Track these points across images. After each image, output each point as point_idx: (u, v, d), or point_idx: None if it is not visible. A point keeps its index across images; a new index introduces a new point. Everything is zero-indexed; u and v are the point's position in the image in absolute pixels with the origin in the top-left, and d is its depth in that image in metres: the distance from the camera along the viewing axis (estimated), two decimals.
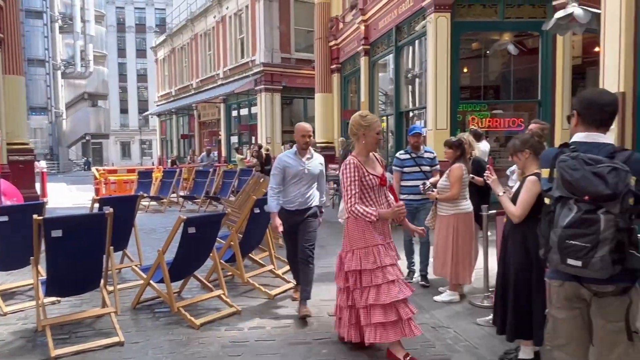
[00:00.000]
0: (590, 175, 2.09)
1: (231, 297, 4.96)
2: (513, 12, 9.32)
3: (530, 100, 10.11)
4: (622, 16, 4.98)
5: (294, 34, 20.62)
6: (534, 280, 3.33)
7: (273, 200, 4.57)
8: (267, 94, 20.22)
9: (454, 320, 4.41)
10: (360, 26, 13.15)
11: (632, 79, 5.00)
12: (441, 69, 9.08)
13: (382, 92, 13.73)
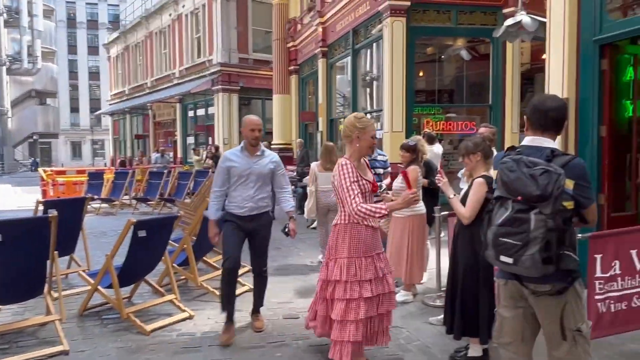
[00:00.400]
0: (524, 177, 2.16)
1: (184, 302, 4.84)
2: (466, 19, 9.59)
3: (482, 104, 10.42)
4: (566, 25, 5.21)
5: (251, 34, 20.46)
6: (481, 279, 3.43)
7: (213, 204, 4.09)
8: (225, 94, 19.96)
9: (407, 320, 4.47)
10: (318, 28, 13.19)
11: (574, 86, 5.24)
12: (397, 73, 9.23)
13: (340, 94, 13.82)
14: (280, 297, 5.16)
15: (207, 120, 21.96)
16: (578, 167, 2.24)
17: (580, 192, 2.22)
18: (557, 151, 2.30)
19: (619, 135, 5.32)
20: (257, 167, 4.08)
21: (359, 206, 3.07)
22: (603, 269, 3.46)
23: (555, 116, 2.36)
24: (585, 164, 2.29)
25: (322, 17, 12.93)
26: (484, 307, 3.40)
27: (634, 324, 3.62)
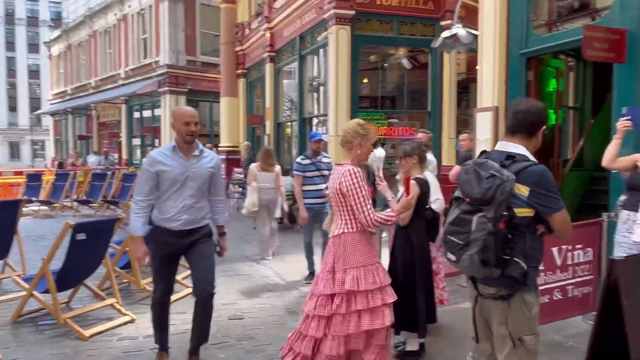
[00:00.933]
0: (474, 180, 2.16)
1: (126, 305, 4.67)
2: (407, 29, 9.84)
3: (421, 111, 10.73)
4: (496, 39, 5.47)
5: (199, 37, 20.04)
6: (417, 276, 3.52)
7: (138, 218, 3.20)
8: (172, 96, 19.43)
9: None
10: (266, 33, 13.11)
11: (504, 95, 5.50)
12: (342, 79, 9.33)
13: (287, 98, 13.79)
14: (225, 299, 5.07)
15: (153, 122, 21.28)
16: (535, 174, 2.12)
17: (537, 200, 2.11)
18: (519, 156, 2.20)
19: (543, 142, 5.61)
20: (196, 170, 3.26)
21: (375, 216, 2.93)
22: None
23: (522, 118, 2.25)
24: (545, 172, 2.14)
25: (270, 23, 12.87)
26: (421, 302, 3.50)
27: (555, 316, 3.85)
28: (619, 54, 4.13)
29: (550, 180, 2.15)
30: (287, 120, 13.42)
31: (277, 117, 13.41)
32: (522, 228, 2.13)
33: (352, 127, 3.09)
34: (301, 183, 5.64)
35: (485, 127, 5.57)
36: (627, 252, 3.46)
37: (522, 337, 2.23)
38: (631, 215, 3.51)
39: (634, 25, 4.09)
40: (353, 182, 2.89)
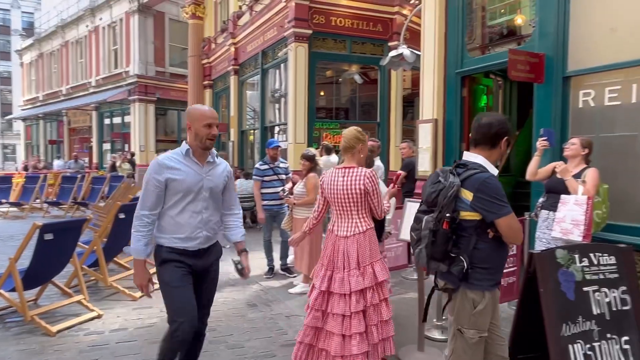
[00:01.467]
0: (428, 185, 2.25)
1: (93, 302, 4.47)
2: (358, 48, 9.97)
3: (371, 121, 10.89)
4: (435, 60, 5.63)
5: (168, 49, 19.55)
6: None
7: (139, 237, 2.44)
8: (141, 104, 18.84)
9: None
10: (231, 48, 12.97)
11: (442, 109, 5.66)
12: (300, 91, 9.34)
13: (251, 108, 13.67)
14: None
15: (123, 128, 20.56)
16: (478, 180, 2.11)
17: (479, 205, 2.09)
18: (472, 164, 2.19)
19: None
20: (211, 178, 2.58)
21: (384, 206, 3.08)
22: None
23: (484, 131, 2.22)
24: (489, 179, 2.11)
25: (234, 39, 12.73)
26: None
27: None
28: (538, 75, 4.35)
29: (493, 186, 2.10)
30: (250, 128, 13.30)
31: (241, 125, 13.27)
32: (470, 230, 2.12)
33: (353, 134, 3.08)
34: (260, 187, 5.60)
35: (426, 137, 5.71)
36: (545, 246, 3.65)
37: (462, 329, 2.23)
38: (550, 214, 3.70)
39: (550, 51, 4.32)
40: (374, 183, 2.94)
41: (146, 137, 19.07)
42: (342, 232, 2.97)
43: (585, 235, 3.31)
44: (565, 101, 4.24)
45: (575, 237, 3.33)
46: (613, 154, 4.06)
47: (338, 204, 3.00)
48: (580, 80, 4.19)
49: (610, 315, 2.97)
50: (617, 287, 3.05)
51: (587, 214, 3.32)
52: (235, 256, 2.89)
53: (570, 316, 2.66)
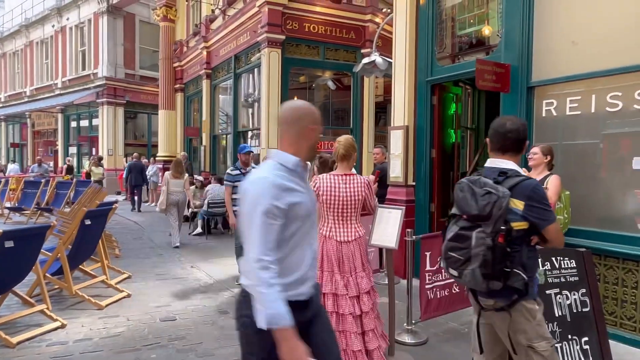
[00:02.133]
0: (469, 197, 2.06)
1: (57, 311, 4.33)
2: (332, 55, 10.06)
3: (344, 127, 10.98)
4: (406, 68, 5.74)
5: (138, 51, 19.18)
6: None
7: (277, 296, 1.61)
8: (110, 107, 18.40)
9: None
10: (203, 52, 12.84)
11: (413, 116, 5.77)
12: (273, 96, 9.33)
13: (223, 112, 13.55)
14: (158, 301, 4.87)
15: (90, 131, 20.01)
16: (527, 188, 2.04)
17: (531, 213, 2.03)
18: (511, 172, 2.12)
19: (445, 156, 5.97)
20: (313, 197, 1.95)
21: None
22: (431, 263, 3.85)
23: (514, 137, 2.16)
24: (537, 186, 2.06)
25: (207, 42, 12.61)
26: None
27: (454, 306, 4.07)
28: (504, 85, 4.50)
29: (542, 193, 2.07)
30: (223, 133, 13.17)
31: (213, 130, 13.14)
32: (519, 240, 2.03)
33: (350, 143, 3.24)
34: (231, 192, 5.56)
35: (397, 143, 5.81)
36: None
37: (532, 345, 2.10)
38: None
39: (516, 61, 4.48)
40: (372, 189, 3.24)
41: (115, 141, 18.64)
42: (343, 237, 3.06)
43: None
44: (529, 110, 4.40)
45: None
46: (574, 162, 4.23)
47: (338, 209, 3.07)
48: (543, 90, 4.36)
49: (571, 316, 3.09)
50: (578, 290, 3.17)
51: None
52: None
53: None
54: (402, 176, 5.73)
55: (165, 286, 5.48)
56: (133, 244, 8.14)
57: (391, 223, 3.37)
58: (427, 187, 5.67)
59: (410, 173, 5.77)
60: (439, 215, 5.72)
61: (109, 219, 5.54)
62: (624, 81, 3.77)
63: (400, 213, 3.40)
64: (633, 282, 3.66)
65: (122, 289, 5.06)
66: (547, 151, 3.79)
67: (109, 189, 14.52)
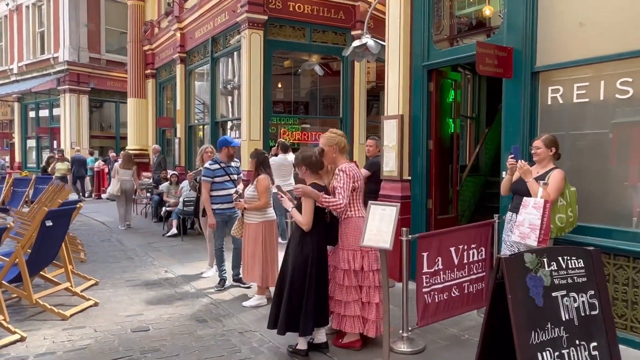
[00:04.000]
0: None
1: (15, 323, 4.26)
2: (319, 37, 10.03)
3: (333, 116, 10.99)
4: (401, 52, 5.75)
5: (104, 33, 18.92)
6: (308, 279, 3.64)
7: None
8: (73, 95, 18.15)
9: (261, 324, 4.47)
10: (176, 33, 12.70)
11: (408, 104, 5.79)
12: (255, 83, 9.28)
13: (200, 100, 13.45)
14: (129, 310, 4.83)
15: (51, 122, 19.72)
16: None
17: None
18: None
19: (443, 148, 6.01)
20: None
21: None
22: (428, 265, 3.88)
23: None
24: None
25: (181, 23, 12.48)
26: (310, 304, 3.62)
27: (454, 311, 4.11)
28: (507, 70, 4.53)
29: None
30: (200, 123, 13.08)
31: (189, 120, 13.04)
32: None
33: (343, 138, 3.94)
34: (209, 189, 5.52)
35: (391, 134, 5.82)
36: (510, 250, 3.81)
37: None
38: (513, 216, 3.87)
39: (519, 44, 4.51)
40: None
41: (78, 133, 18.40)
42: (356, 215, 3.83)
43: (541, 240, 3.47)
44: (534, 97, 4.44)
45: (531, 242, 3.49)
46: (582, 153, 4.29)
47: (361, 192, 3.88)
48: (548, 75, 4.40)
49: (579, 320, 3.14)
50: (586, 292, 3.22)
51: (543, 218, 3.49)
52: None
53: (539, 323, 2.79)
54: (396, 170, 5.76)
55: (137, 293, 5.44)
56: (100, 247, 8.06)
57: (385, 221, 3.38)
58: (423, 181, 5.70)
59: (406, 166, 5.80)
60: (436, 212, 5.76)
61: (73, 219, 5.47)
62: (635, 66, 3.82)
63: (394, 210, 3.41)
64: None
65: (88, 297, 5.01)
66: (550, 143, 3.83)
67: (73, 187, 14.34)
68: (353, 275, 3.75)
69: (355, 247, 3.70)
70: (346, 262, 3.74)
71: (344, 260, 3.75)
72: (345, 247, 3.77)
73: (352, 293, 3.76)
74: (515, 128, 4.55)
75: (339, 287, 3.79)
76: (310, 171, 3.79)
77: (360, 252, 3.73)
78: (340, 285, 3.78)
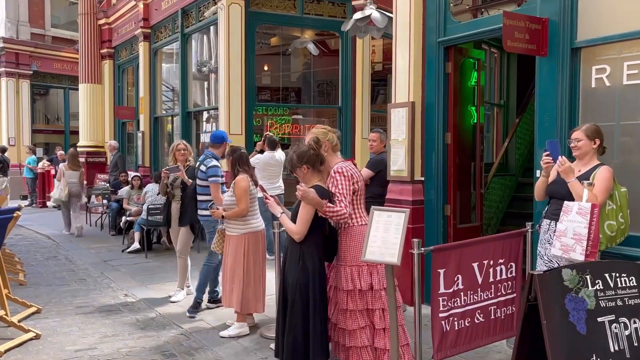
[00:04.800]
0: None
1: None
2: (313, 8, 10.03)
3: (331, 105, 10.99)
4: (412, 25, 5.74)
5: (50, 4, 18.94)
6: (311, 296, 3.65)
7: None
8: (10, 79, 18.17)
9: (242, 358, 4.47)
10: (139, 4, 12.70)
11: (420, 89, 5.78)
12: (234, 65, 9.26)
13: (168, 86, 13.46)
14: (79, 343, 4.81)
15: None
16: None
17: None
18: None
19: (464, 143, 6.01)
20: None
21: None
22: (446, 284, 3.85)
23: None
24: None
25: None
26: (316, 328, 3.61)
27: (478, 341, 4.09)
28: (541, 46, 4.53)
29: None
30: (168, 114, 13.06)
31: (155, 110, 13.01)
32: None
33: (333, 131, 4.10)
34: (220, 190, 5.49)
35: (400, 125, 5.80)
36: (548, 266, 3.80)
37: None
38: (552, 224, 3.85)
39: (556, 15, 4.51)
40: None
41: (18, 126, 18.37)
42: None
43: (589, 253, 3.46)
44: (574, 79, 4.44)
45: (576, 256, 3.47)
46: (633, 147, 4.29)
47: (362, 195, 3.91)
48: (592, 52, 4.40)
49: (631, 352, 3.13)
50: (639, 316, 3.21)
51: (591, 226, 3.47)
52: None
53: (582, 355, 2.78)
54: (406, 169, 5.75)
55: (89, 322, 5.41)
56: (44, 266, 8.02)
57: (392, 231, 3.35)
58: (440, 183, 5.70)
59: (418, 165, 5.79)
60: (456, 220, 5.76)
61: (8, 231, 5.44)
62: None
63: (403, 217, 3.39)
64: None
65: (28, 327, 4.98)
66: (593, 133, 3.80)
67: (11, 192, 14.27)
68: (359, 296, 3.72)
69: (360, 262, 3.64)
70: (349, 281, 3.71)
71: (347, 278, 3.72)
72: (348, 263, 3.74)
73: (357, 319, 3.73)
74: (552, 117, 4.55)
75: (342, 313, 3.76)
76: (312, 169, 3.77)
77: (367, 268, 3.70)
78: (343, 310, 3.75)
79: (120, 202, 10.25)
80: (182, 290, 6.20)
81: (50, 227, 11.63)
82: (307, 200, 3.59)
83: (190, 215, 5.96)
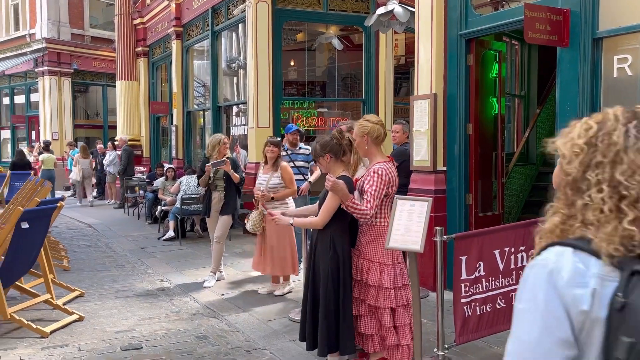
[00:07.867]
0: None
1: None
2: (337, 4, 9.97)
3: (355, 98, 10.94)
4: (433, 18, 5.67)
5: (88, 5, 19.19)
6: (342, 284, 3.61)
7: None
8: (53, 77, 18.46)
9: (270, 340, 4.50)
10: (171, 4, 12.81)
11: (442, 81, 5.72)
12: (262, 60, 9.28)
13: (200, 82, 13.56)
14: (119, 325, 4.89)
15: (29, 110, 20.11)
16: None
17: None
18: None
19: (485, 133, 5.93)
20: None
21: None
22: (468, 270, 3.82)
23: None
24: None
25: None
26: (348, 314, 3.57)
27: (499, 326, 4.05)
28: (562, 37, 4.43)
29: None
30: (199, 108, 13.18)
31: (187, 104, 13.14)
32: None
33: (379, 122, 3.78)
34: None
35: (422, 117, 5.76)
36: None
37: None
38: None
39: (577, 6, 4.40)
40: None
41: (61, 122, 18.71)
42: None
43: None
44: (596, 69, 4.34)
45: None
46: None
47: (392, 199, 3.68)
48: (614, 42, 4.29)
49: None
50: None
51: None
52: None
53: None
54: (429, 159, 5.70)
55: (129, 306, 5.51)
56: (86, 253, 8.18)
57: (415, 219, 3.33)
58: (462, 173, 5.64)
59: (440, 155, 5.74)
60: (477, 209, 5.70)
61: (53, 220, 5.55)
62: None
63: (426, 206, 3.36)
64: None
65: (72, 310, 5.08)
66: None
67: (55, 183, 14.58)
68: (364, 289, 3.67)
69: (372, 258, 3.60)
70: (361, 273, 3.66)
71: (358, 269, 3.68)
72: (361, 255, 3.69)
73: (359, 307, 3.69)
74: (573, 107, 4.45)
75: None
76: (335, 158, 3.73)
77: (377, 265, 3.59)
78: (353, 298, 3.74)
79: (155, 192, 10.39)
80: (214, 275, 6.28)
81: (92, 216, 11.87)
82: (336, 191, 3.55)
83: (232, 205, 6.30)
